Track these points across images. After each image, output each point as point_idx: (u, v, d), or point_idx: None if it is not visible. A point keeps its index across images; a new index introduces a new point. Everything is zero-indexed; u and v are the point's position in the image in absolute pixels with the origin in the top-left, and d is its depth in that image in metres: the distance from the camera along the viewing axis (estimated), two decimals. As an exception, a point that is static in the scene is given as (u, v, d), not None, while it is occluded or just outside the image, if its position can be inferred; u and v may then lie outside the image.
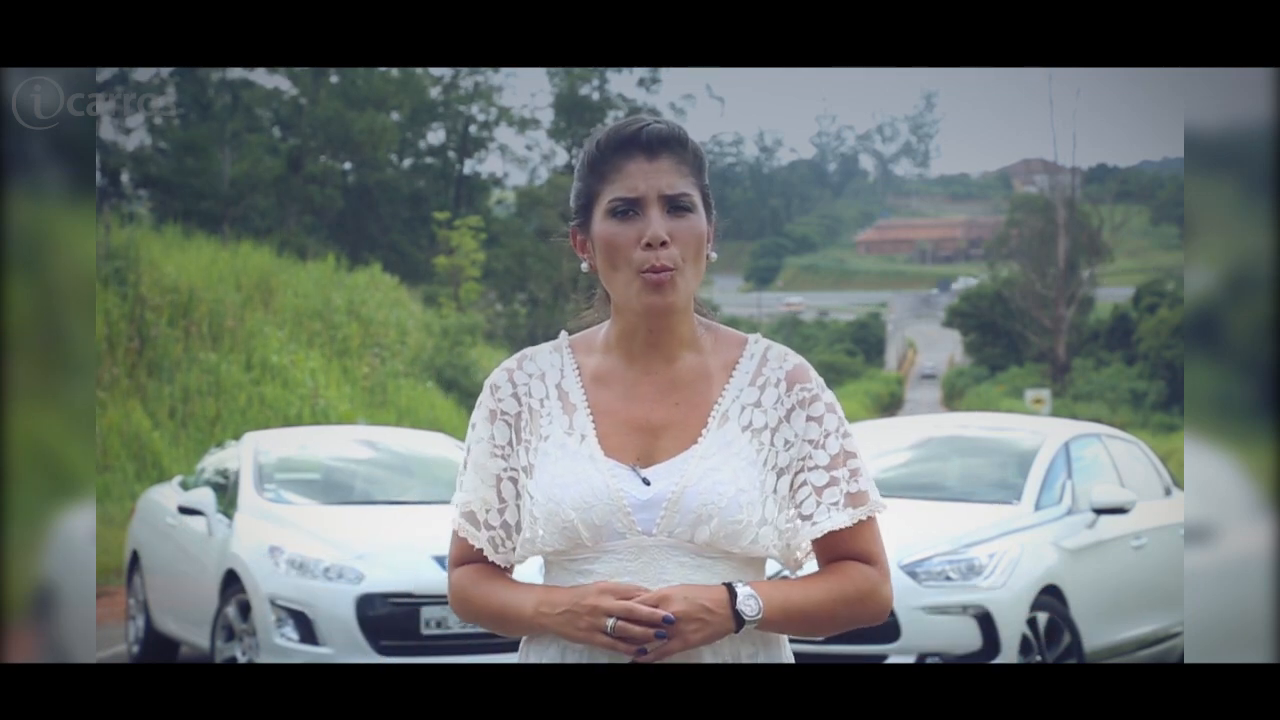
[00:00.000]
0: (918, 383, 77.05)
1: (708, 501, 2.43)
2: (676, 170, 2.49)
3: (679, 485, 2.45)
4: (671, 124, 2.52)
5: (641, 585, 2.42)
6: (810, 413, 2.50)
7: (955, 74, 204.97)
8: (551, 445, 2.51)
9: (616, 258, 2.47)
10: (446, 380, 30.97)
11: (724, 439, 2.48)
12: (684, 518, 2.44)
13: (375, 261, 36.99)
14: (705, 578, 2.45)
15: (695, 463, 2.46)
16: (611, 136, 2.50)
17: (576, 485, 2.46)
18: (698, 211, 2.49)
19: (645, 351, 2.52)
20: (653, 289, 2.45)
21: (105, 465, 19.78)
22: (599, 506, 2.45)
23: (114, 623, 12.07)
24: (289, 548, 8.83)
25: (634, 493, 2.46)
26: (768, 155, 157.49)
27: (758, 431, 2.49)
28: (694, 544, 2.45)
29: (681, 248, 2.46)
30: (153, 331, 23.11)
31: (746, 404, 2.50)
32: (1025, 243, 61.54)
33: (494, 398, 2.56)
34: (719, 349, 2.55)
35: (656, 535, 2.45)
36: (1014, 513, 8.92)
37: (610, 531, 2.45)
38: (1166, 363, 51.36)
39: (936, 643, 8.22)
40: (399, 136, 52.94)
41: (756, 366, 2.53)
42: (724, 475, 2.45)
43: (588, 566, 2.47)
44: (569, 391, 2.54)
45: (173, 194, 44.54)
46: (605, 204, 2.48)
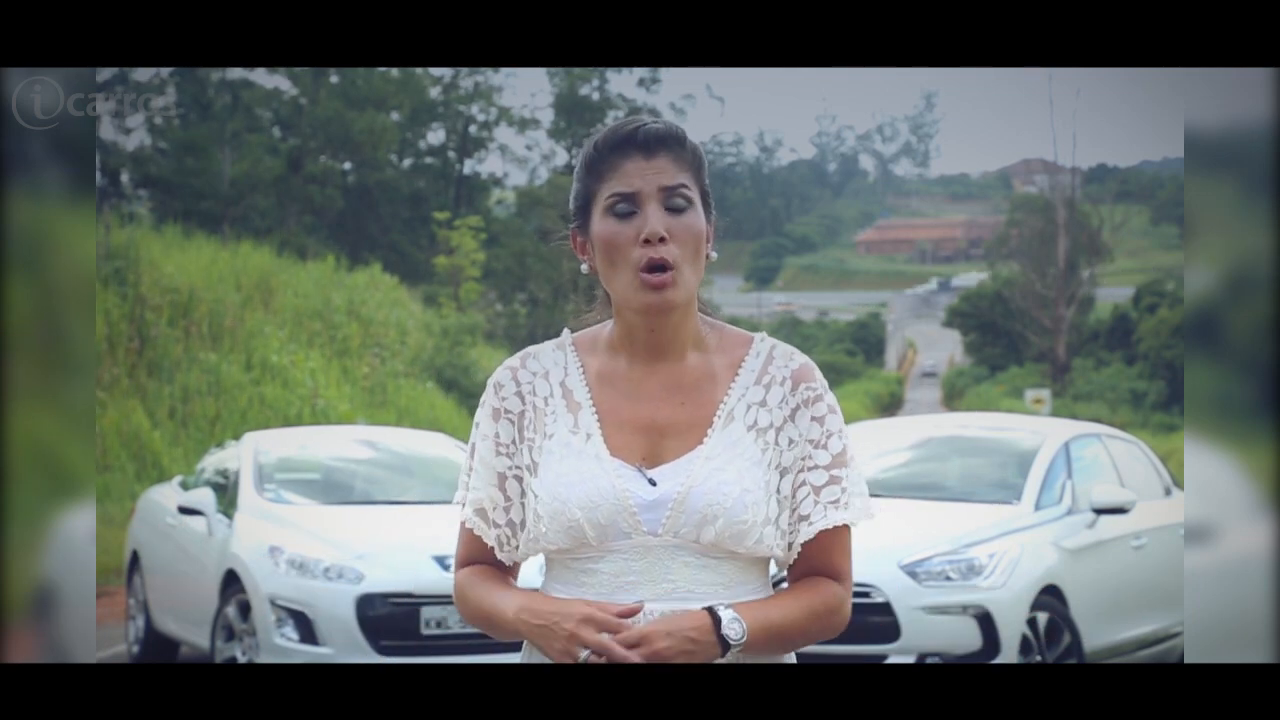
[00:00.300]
0: (919, 380, 77.08)
1: (713, 502, 2.43)
2: (674, 168, 2.48)
3: (685, 486, 2.45)
4: (669, 124, 2.52)
5: (631, 601, 2.42)
6: (814, 413, 2.51)
7: (955, 74, 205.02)
8: (556, 444, 2.50)
9: (615, 256, 2.46)
10: (446, 380, 30.97)
11: (729, 439, 2.48)
12: (690, 518, 2.44)
13: (375, 261, 36.99)
14: (710, 577, 2.45)
15: (701, 463, 2.46)
16: (609, 137, 2.50)
17: (582, 484, 2.46)
18: (696, 209, 2.49)
19: (649, 351, 2.52)
20: (652, 288, 2.44)
21: (105, 465, 19.78)
22: (605, 506, 2.45)
23: (114, 623, 12.07)
24: (289, 548, 8.83)
25: (640, 493, 2.46)
26: (768, 155, 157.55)
27: (763, 431, 2.49)
28: (699, 544, 2.45)
29: (680, 245, 2.45)
30: (153, 331, 23.11)
31: (752, 403, 2.50)
32: (1025, 243, 61.54)
33: (498, 396, 2.56)
34: (724, 348, 2.55)
35: (662, 535, 2.45)
36: (1014, 513, 8.92)
37: (616, 531, 2.45)
38: (1166, 363, 51.36)
39: (936, 643, 8.22)
40: (399, 136, 52.95)
41: (762, 365, 2.53)
42: (729, 475, 2.45)
43: (592, 566, 2.47)
44: (573, 390, 2.53)
45: (173, 194, 44.54)
46: (603, 202, 2.48)
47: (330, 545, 8.86)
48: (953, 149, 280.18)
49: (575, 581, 2.48)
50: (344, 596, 8.55)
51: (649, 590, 2.45)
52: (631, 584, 2.45)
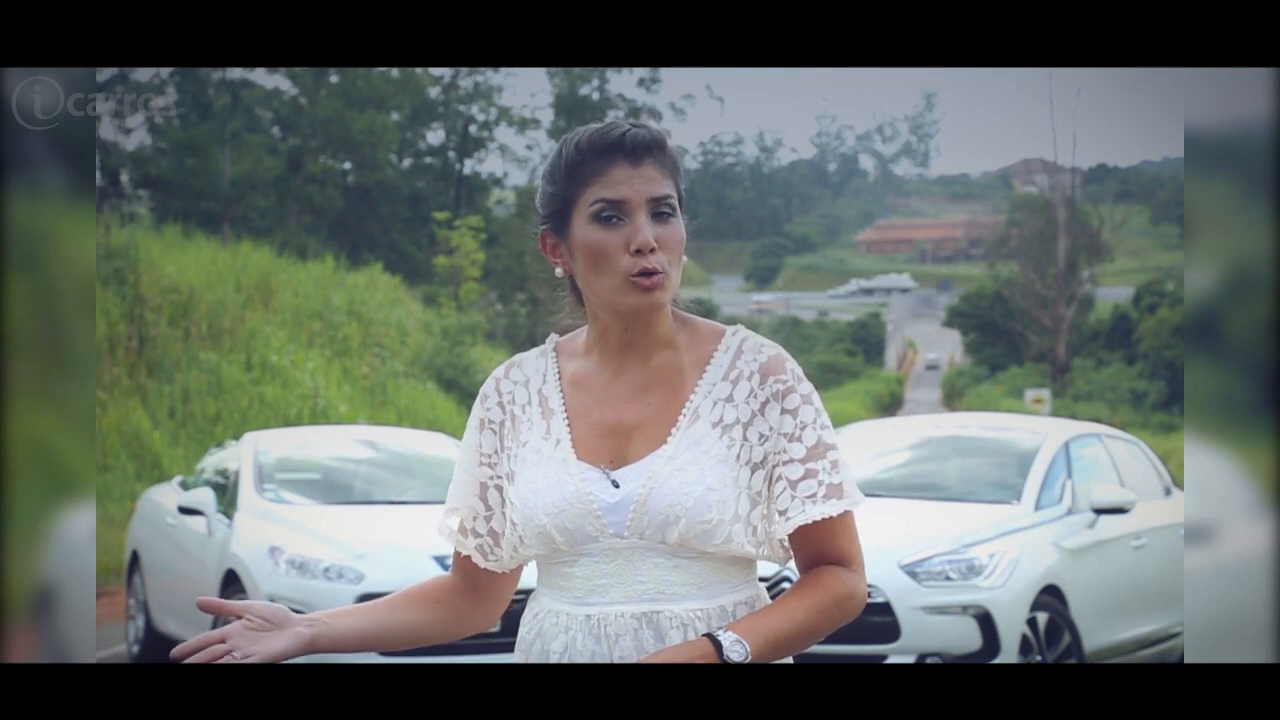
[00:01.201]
0: (922, 374, 77.10)
1: (674, 503, 2.42)
2: (660, 176, 2.47)
3: (646, 487, 2.43)
4: (652, 128, 2.50)
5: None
6: (785, 405, 2.47)
7: (955, 74, 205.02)
8: (529, 451, 2.51)
9: (602, 263, 2.45)
10: (446, 380, 30.97)
11: (693, 437, 2.46)
12: (652, 519, 2.43)
13: (375, 261, 36.96)
14: (681, 578, 2.44)
15: (662, 463, 2.44)
16: (594, 140, 2.47)
17: (549, 490, 2.46)
18: (678, 216, 2.48)
19: (620, 352, 2.51)
20: (643, 291, 2.43)
21: (105, 465, 19.79)
22: (569, 511, 2.45)
23: (114, 623, 12.07)
24: (289, 548, 8.83)
25: (603, 496, 2.45)
26: (768, 155, 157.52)
27: (729, 427, 2.46)
28: (666, 544, 2.44)
29: (668, 252, 2.45)
30: (153, 331, 23.11)
31: (718, 399, 2.48)
32: (1025, 243, 61.54)
33: (483, 407, 2.59)
34: (694, 344, 2.53)
35: (628, 537, 2.44)
36: (1014, 513, 8.92)
37: (583, 535, 2.45)
38: (1166, 363, 51.36)
39: (936, 643, 8.22)
40: (399, 136, 52.91)
41: (730, 360, 2.51)
42: (691, 475, 2.43)
43: (567, 570, 2.48)
44: (548, 397, 2.54)
45: (173, 194, 44.51)
46: (587, 208, 2.46)
47: (330, 545, 8.86)
48: (953, 149, 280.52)
49: (555, 585, 2.50)
50: (344, 596, 8.55)
51: (620, 592, 2.45)
52: (603, 586, 2.45)
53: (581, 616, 2.47)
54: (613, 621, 2.44)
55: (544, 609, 2.52)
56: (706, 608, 2.45)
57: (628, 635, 2.44)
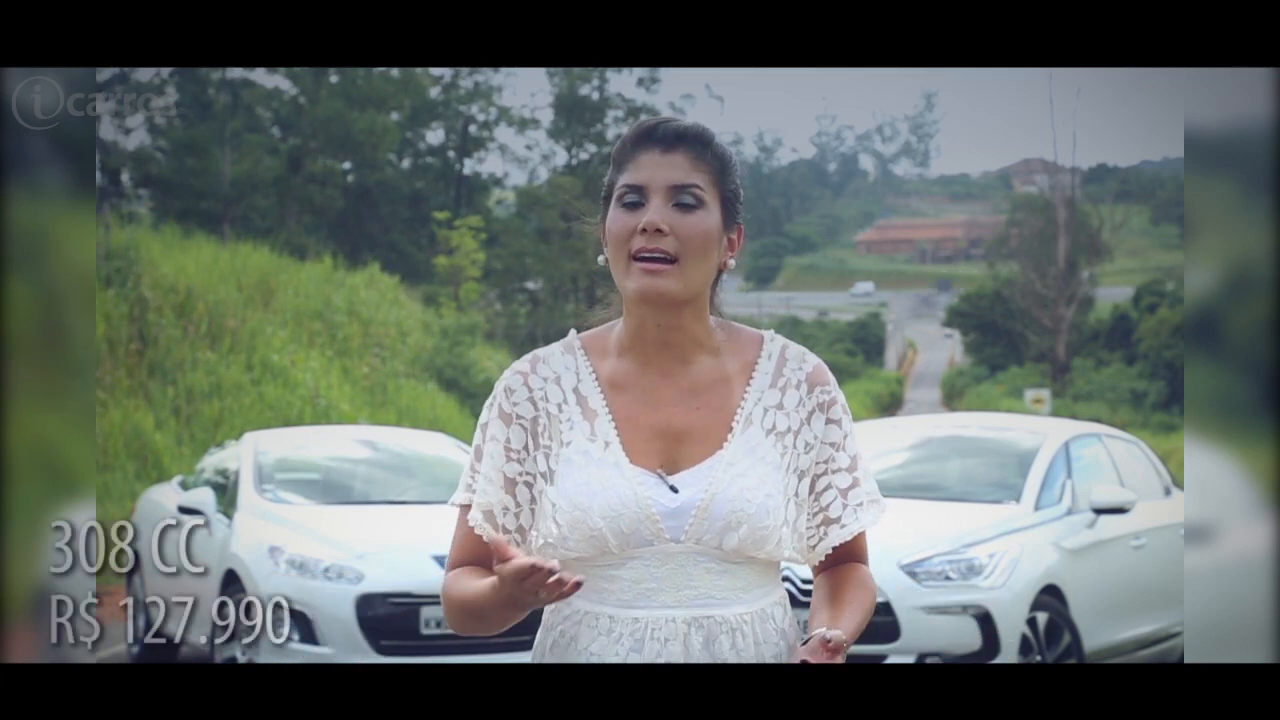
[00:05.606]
0: (922, 374, 77.20)
1: (737, 509, 2.43)
2: (690, 166, 2.47)
3: (708, 492, 2.44)
4: (697, 125, 2.50)
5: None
6: (830, 415, 2.52)
7: (955, 74, 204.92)
8: (574, 452, 2.48)
9: (615, 246, 2.47)
10: (446, 380, 30.96)
11: (749, 444, 2.48)
12: (713, 524, 2.44)
13: (375, 261, 36.94)
14: (730, 582, 2.46)
15: (723, 469, 2.46)
16: (635, 131, 2.51)
17: (604, 493, 2.45)
18: (707, 209, 2.47)
19: (659, 353, 2.50)
20: (643, 273, 2.43)
21: (105, 465, 19.78)
22: (627, 515, 2.44)
23: (114, 623, 12.07)
24: (289, 548, 8.84)
25: (662, 500, 2.45)
26: (768, 155, 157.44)
27: (781, 435, 2.49)
28: (720, 550, 2.45)
29: (683, 241, 2.44)
30: (153, 331, 23.10)
31: (769, 407, 2.50)
32: (1025, 243, 61.48)
33: (509, 401, 2.53)
34: (735, 350, 2.54)
35: (684, 542, 2.45)
36: (1014, 513, 8.92)
37: (638, 539, 2.45)
38: (1166, 363, 51.34)
39: (936, 643, 8.22)
40: (399, 136, 52.91)
41: (775, 367, 2.53)
42: (751, 481, 2.45)
43: (613, 572, 2.46)
44: (588, 397, 2.51)
45: (173, 194, 44.51)
46: (616, 194, 2.49)
47: (330, 545, 8.86)
48: (953, 149, 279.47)
49: (596, 588, 2.47)
50: (344, 596, 8.56)
51: (671, 596, 2.45)
52: (652, 590, 2.45)
53: (628, 619, 2.45)
54: (662, 626, 2.44)
55: (578, 611, 2.49)
56: (750, 611, 2.48)
57: (677, 640, 2.44)
